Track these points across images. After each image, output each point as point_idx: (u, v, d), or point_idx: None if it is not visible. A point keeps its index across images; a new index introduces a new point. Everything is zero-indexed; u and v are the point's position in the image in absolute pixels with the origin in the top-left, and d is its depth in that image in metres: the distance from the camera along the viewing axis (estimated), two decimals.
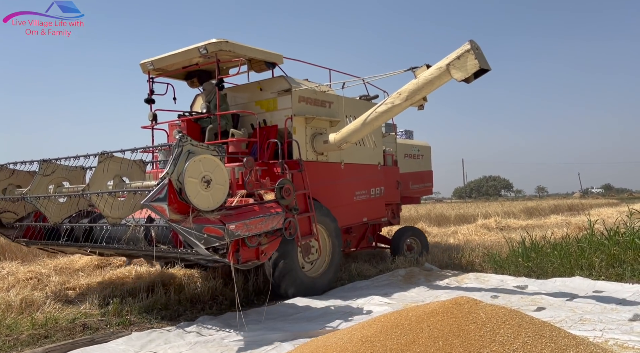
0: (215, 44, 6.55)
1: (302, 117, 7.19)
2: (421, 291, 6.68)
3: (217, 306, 6.20)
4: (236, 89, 8.05)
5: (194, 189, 4.53)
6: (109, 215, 5.42)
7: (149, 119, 7.61)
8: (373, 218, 8.67)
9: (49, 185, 6.20)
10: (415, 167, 10.46)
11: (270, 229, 5.15)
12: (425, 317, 3.29)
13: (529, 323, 3.17)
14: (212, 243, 4.62)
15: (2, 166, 6.76)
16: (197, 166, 4.59)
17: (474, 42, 5.70)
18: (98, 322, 5.50)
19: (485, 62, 5.77)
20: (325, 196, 7.27)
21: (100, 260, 10.02)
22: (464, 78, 5.75)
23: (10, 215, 6.83)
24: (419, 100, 6.48)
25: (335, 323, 5.01)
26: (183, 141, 4.60)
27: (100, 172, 5.56)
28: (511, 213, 22.28)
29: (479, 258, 9.19)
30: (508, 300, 5.84)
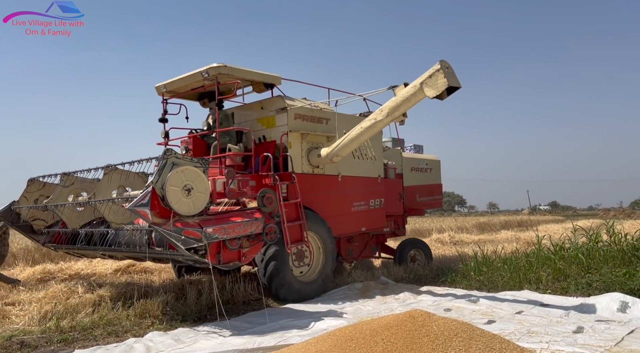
0: (215, 68, 7.14)
1: (297, 133, 7.75)
2: (377, 304, 6.70)
3: (168, 321, 5.98)
4: (242, 107, 8.65)
5: (175, 197, 5.17)
6: (112, 221, 6.11)
7: (161, 137, 8.32)
8: (373, 228, 9.06)
9: (69, 195, 6.99)
10: (423, 180, 10.80)
11: (249, 233, 5.68)
12: (379, 330, 3.29)
13: (479, 336, 3.24)
14: (190, 244, 5.18)
15: (33, 179, 7.72)
16: (179, 176, 5.24)
17: (444, 62, 6.20)
18: (37, 339, 5.18)
19: (456, 80, 6.25)
20: (320, 206, 7.80)
21: (44, 274, 9.52)
22: (435, 95, 6.25)
23: (41, 222, 7.76)
24: (399, 116, 7.07)
25: (291, 338, 4.93)
26: (167, 154, 5.24)
27: (106, 183, 6.35)
28: (464, 228, 22.89)
29: (432, 272, 9.35)
30: (460, 313, 5.94)
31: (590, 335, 4.64)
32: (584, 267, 7.78)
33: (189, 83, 7.81)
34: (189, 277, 8.13)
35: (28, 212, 7.66)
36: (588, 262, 7.88)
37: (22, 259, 11.23)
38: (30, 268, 9.95)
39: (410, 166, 10.54)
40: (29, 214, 7.70)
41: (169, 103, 8.36)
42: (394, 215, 9.84)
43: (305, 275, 7.47)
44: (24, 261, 10.98)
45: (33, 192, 7.72)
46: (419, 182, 10.67)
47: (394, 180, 9.76)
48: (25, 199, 7.71)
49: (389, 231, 9.82)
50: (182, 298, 6.75)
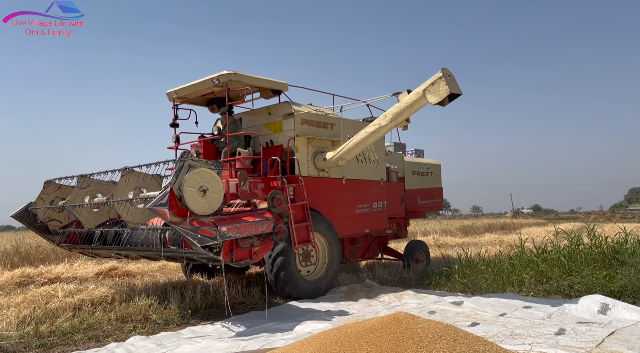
0: (225, 75, 7.40)
1: (304, 138, 8.00)
2: (361, 307, 6.70)
3: (150, 325, 5.89)
4: (250, 113, 8.90)
5: (191, 197, 5.46)
6: (129, 221, 6.35)
7: (172, 141, 8.53)
8: (375, 229, 9.28)
9: (85, 197, 7.21)
10: (424, 184, 11.08)
11: (260, 232, 5.95)
12: (364, 333, 3.28)
13: (463, 338, 3.25)
14: (206, 242, 5.44)
15: (49, 181, 7.90)
16: (196, 178, 5.52)
17: (446, 70, 6.50)
18: (15, 344, 5.06)
19: (457, 87, 6.55)
20: (325, 209, 8.07)
21: (22, 278, 9.34)
22: (437, 102, 6.52)
23: (56, 223, 7.93)
24: (402, 122, 7.36)
25: (275, 342, 4.89)
26: (184, 157, 5.55)
27: (123, 184, 6.57)
28: (448, 231, 23.06)
29: (417, 275, 9.39)
30: (444, 316, 5.97)
31: (572, 337, 4.70)
32: (565, 270, 7.90)
33: (200, 89, 8.04)
34: (172, 282, 8.05)
35: (44, 213, 7.82)
36: (570, 265, 8.00)
37: (1, 262, 11.00)
38: (9, 271, 9.74)
39: (412, 170, 10.80)
40: (45, 215, 7.85)
41: (179, 108, 8.61)
42: (396, 218, 10.10)
43: (312, 274, 7.71)
44: (3, 264, 10.77)
45: (49, 194, 7.89)
46: (420, 185, 10.93)
47: (396, 183, 10.07)
48: (42, 200, 7.84)
49: (391, 233, 10.06)
50: (165, 302, 6.67)
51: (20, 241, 13.56)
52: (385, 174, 9.54)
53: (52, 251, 12.28)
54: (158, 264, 11.00)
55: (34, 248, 12.44)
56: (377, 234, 9.71)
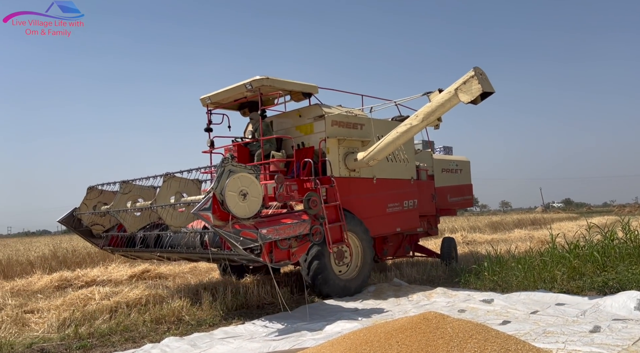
0: (258, 80, 7.62)
1: (334, 139, 8.11)
2: (390, 306, 6.70)
3: (184, 326, 6.04)
4: (281, 116, 9.10)
5: (233, 201, 5.65)
6: (171, 224, 6.60)
7: (207, 145, 8.87)
8: (407, 228, 9.37)
9: (127, 201, 7.44)
10: (453, 181, 11.06)
11: (298, 234, 6.13)
12: (394, 333, 3.30)
13: (494, 337, 3.23)
14: (247, 245, 5.62)
15: (92, 187, 8.17)
16: (236, 182, 5.72)
17: (478, 69, 6.53)
18: (57, 346, 5.27)
19: (489, 85, 6.56)
20: (357, 208, 8.16)
21: (61, 281, 9.67)
22: (470, 100, 6.55)
23: (99, 227, 8.24)
24: (433, 121, 7.37)
25: (306, 342, 4.95)
26: (225, 162, 5.75)
27: (165, 189, 6.80)
28: (477, 228, 22.75)
29: (446, 273, 9.31)
30: (475, 314, 5.92)
31: (607, 335, 4.60)
32: (599, 265, 7.70)
33: (232, 95, 8.28)
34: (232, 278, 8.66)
35: (88, 218, 8.10)
36: (603, 260, 7.80)
37: (40, 267, 11.41)
38: (48, 275, 10.10)
39: (441, 168, 10.77)
40: (89, 220, 8.13)
41: (212, 113, 8.88)
42: (427, 215, 10.11)
43: (346, 273, 7.80)
44: (42, 269, 11.15)
45: (92, 199, 8.17)
46: (449, 183, 10.91)
47: (426, 181, 10.07)
48: (85, 205, 8.12)
49: (422, 231, 10.10)
50: (197, 303, 6.82)
51: (57, 246, 14.05)
52: (415, 173, 9.57)
53: (87, 255, 12.68)
54: (189, 266, 11.23)
55: (70, 252, 12.87)
56: (408, 232, 9.76)
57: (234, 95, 8.30)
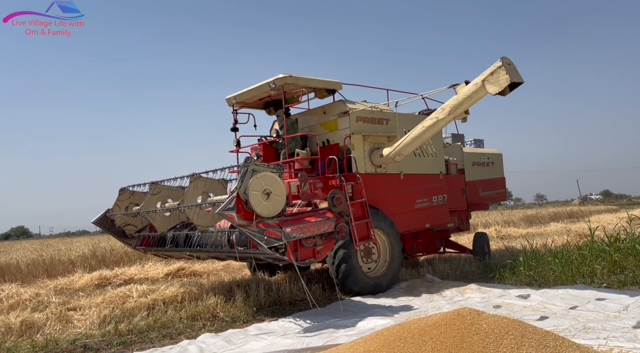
0: (281, 78, 7.60)
1: (359, 135, 8.00)
2: (423, 303, 6.64)
3: (218, 323, 6.16)
4: (306, 113, 9.05)
5: (256, 200, 5.68)
6: (199, 224, 6.67)
7: (233, 145, 8.83)
8: (436, 224, 9.19)
9: (157, 202, 7.57)
10: (485, 174, 10.82)
11: (322, 232, 6.11)
12: (428, 329, 3.27)
13: (532, 333, 3.17)
14: (272, 243, 5.64)
15: (124, 188, 8.32)
16: (259, 182, 5.74)
17: (505, 59, 6.36)
18: (99, 342, 5.46)
19: (518, 75, 6.39)
20: (384, 205, 8.07)
21: (100, 279, 9.99)
22: (498, 92, 6.39)
23: (131, 228, 8.40)
24: (460, 114, 7.22)
25: (339, 338, 4.97)
26: (248, 162, 5.77)
27: (192, 190, 6.87)
28: (511, 222, 22.26)
29: (479, 268, 9.16)
30: (510, 310, 5.81)
31: None
32: None
33: (257, 94, 8.28)
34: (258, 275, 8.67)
35: (121, 219, 8.30)
36: None
37: (80, 266, 11.82)
38: (88, 274, 10.46)
39: (472, 161, 10.55)
40: (122, 221, 8.34)
41: (238, 113, 8.91)
42: (458, 211, 9.91)
43: (374, 271, 7.73)
44: (82, 267, 11.55)
45: (124, 200, 8.35)
46: (481, 176, 10.67)
47: (456, 176, 9.86)
48: (118, 207, 8.34)
49: (453, 226, 9.89)
50: (231, 300, 6.93)
51: (96, 245, 14.54)
52: (444, 167, 9.38)
53: (124, 254, 13.06)
54: (222, 263, 11.41)
55: (108, 251, 13.30)
56: (438, 228, 9.59)
57: (259, 94, 8.32)
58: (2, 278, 10.85)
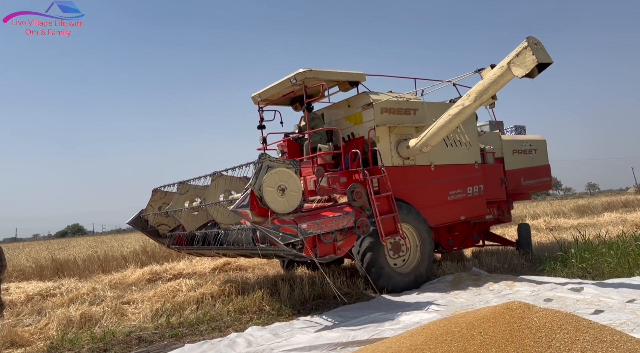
0: (301, 73, 7.47)
1: (385, 127, 7.81)
2: (470, 296, 6.52)
3: (265, 316, 6.28)
4: (331, 107, 8.88)
5: (271, 197, 5.61)
6: (221, 222, 6.65)
7: (260, 143, 8.85)
8: (472, 216, 8.87)
9: (185, 201, 7.62)
10: (527, 162, 10.35)
11: (341, 227, 5.97)
12: (476, 323, 3.21)
13: (587, 328, 3.05)
14: (288, 240, 5.57)
15: (157, 189, 8.50)
16: (274, 178, 5.67)
17: (532, 38, 6.00)
18: (152, 334, 5.68)
19: (546, 55, 6.02)
20: (414, 198, 7.89)
21: (151, 274, 10.37)
22: (525, 74, 6.05)
23: (165, 227, 8.57)
24: (487, 99, 6.87)
25: (384, 332, 4.96)
26: (262, 158, 5.72)
27: (213, 188, 6.92)
28: (561, 213, 21.45)
29: (529, 261, 8.89)
30: (563, 304, 5.61)
31: None
32: None
33: (280, 90, 8.21)
34: (286, 273, 8.52)
35: (154, 218, 8.47)
36: None
37: (132, 261, 12.33)
38: (140, 269, 10.89)
39: (512, 149, 10.07)
40: (155, 221, 8.50)
41: (264, 110, 8.89)
42: (496, 201, 9.53)
43: (404, 266, 7.59)
44: (134, 263, 12.04)
45: (157, 200, 8.53)
46: (522, 165, 10.19)
47: (493, 165, 9.47)
48: (151, 207, 8.51)
49: (492, 218, 9.52)
50: (276, 294, 7.04)
51: (146, 242, 15.07)
52: (479, 157, 9.04)
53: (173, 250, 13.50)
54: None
55: (158, 247, 13.76)
56: (475, 220, 9.28)
57: (282, 90, 8.20)
58: (62, 273, 11.48)
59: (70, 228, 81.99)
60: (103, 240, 25.18)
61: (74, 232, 78.62)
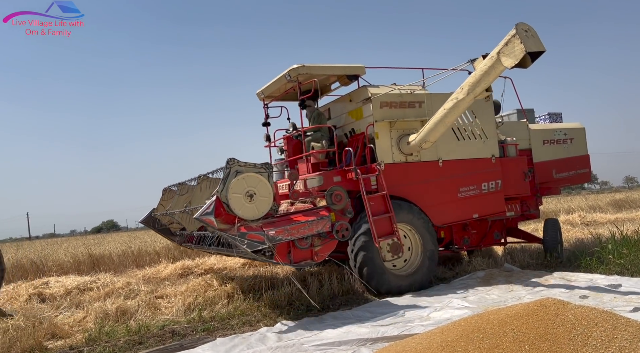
0: (294, 69, 7.28)
1: (385, 122, 7.46)
2: (502, 293, 6.41)
3: (295, 311, 6.33)
4: (336, 102, 8.64)
5: (238, 203, 5.52)
6: (188, 228, 6.40)
7: (264, 140, 8.72)
8: (487, 213, 8.32)
9: (184, 202, 7.46)
10: (560, 153, 9.55)
11: (315, 232, 5.86)
12: (508, 320, 3.16)
13: (625, 326, 2.96)
14: (255, 247, 5.47)
15: (166, 188, 8.53)
16: (241, 183, 5.56)
17: (522, 25, 5.58)
18: (184, 328, 5.82)
19: (538, 43, 5.59)
20: (417, 196, 7.54)
21: (183, 269, 10.59)
22: (514, 64, 5.63)
23: (176, 225, 8.59)
24: (481, 92, 6.38)
25: (414, 328, 4.94)
26: (230, 163, 5.59)
27: (199, 191, 6.83)
28: (597, 207, 20.80)
29: (556, 258, 8.67)
30: (599, 301, 5.45)
31: None
32: None
33: (279, 86, 8.02)
34: (309, 269, 8.51)
35: (164, 217, 8.52)
36: None
37: (165, 256, 12.61)
38: (172, 264, 11.13)
39: (542, 139, 9.34)
40: (166, 219, 8.60)
41: (270, 107, 8.73)
42: (519, 197, 8.88)
43: (404, 268, 7.30)
44: (167, 258, 12.32)
45: (167, 200, 8.57)
46: (555, 156, 9.42)
47: (515, 158, 8.74)
48: (162, 206, 8.63)
49: (514, 215, 8.87)
50: (305, 289, 7.08)
51: None
52: (497, 150, 8.39)
53: None
54: None
55: None
56: (492, 218, 8.64)
57: (281, 86, 7.99)
58: (98, 267, 11.84)
59: (105, 224, 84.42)
60: (136, 236, 25.81)
61: (109, 228, 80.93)
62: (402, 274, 7.17)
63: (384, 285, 6.90)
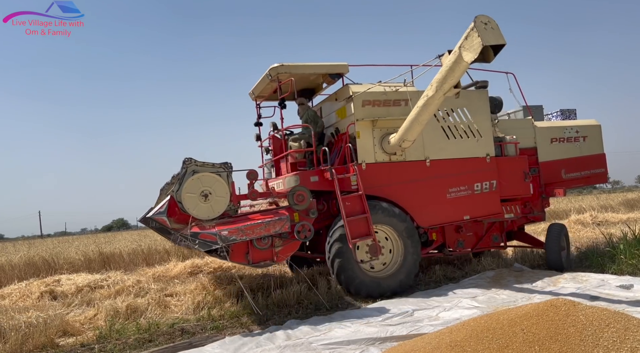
0: (274, 68, 7.26)
1: (367, 121, 7.28)
2: (512, 293, 6.37)
3: (303, 310, 6.34)
4: (326, 100, 8.52)
5: (192, 203, 5.55)
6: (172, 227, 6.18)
7: (255, 140, 8.67)
8: (480, 215, 7.98)
9: None
10: (571, 152, 9.07)
11: (274, 232, 5.85)
12: (518, 321, 3.15)
13: (637, 327, 2.93)
14: (208, 247, 5.46)
15: (164, 188, 8.41)
16: (196, 183, 5.60)
17: (481, 17, 5.28)
18: (194, 326, 5.85)
19: (496, 36, 5.26)
20: (401, 197, 7.33)
21: (192, 268, 10.64)
22: (474, 59, 5.34)
23: None
24: (449, 89, 6.05)
25: (423, 328, 4.92)
26: (187, 163, 5.62)
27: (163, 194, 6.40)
28: (609, 207, 20.58)
29: (574, 257, 8.59)
30: (610, 301, 5.40)
31: None
32: None
33: (265, 86, 7.98)
34: (318, 268, 8.51)
35: None
36: None
37: (174, 255, 12.68)
38: (182, 262, 11.20)
39: (550, 137, 8.88)
40: None
41: (262, 107, 8.69)
42: (518, 198, 8.42)
43: (383, 270, 7.14)
44: (176, 256, 12.39)
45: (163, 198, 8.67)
46: (564, 155, 8.95)
47: (514, 157, 8.27)
48: None
49: (514, 217, 8.40)
50: (313, 289, 7.09)
51: None
52: (492, 148, 8.00)
53: None
54: None
55: None
56: (488, 220, 8.26)
57: (266, 86, 7.91)
58: (108, 266, 11.95)
59: (116, 222, 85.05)
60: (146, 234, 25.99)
61: (119, 226, 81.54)
62: (381, 276, 7.02)
63: (362, 289, 6.79)
